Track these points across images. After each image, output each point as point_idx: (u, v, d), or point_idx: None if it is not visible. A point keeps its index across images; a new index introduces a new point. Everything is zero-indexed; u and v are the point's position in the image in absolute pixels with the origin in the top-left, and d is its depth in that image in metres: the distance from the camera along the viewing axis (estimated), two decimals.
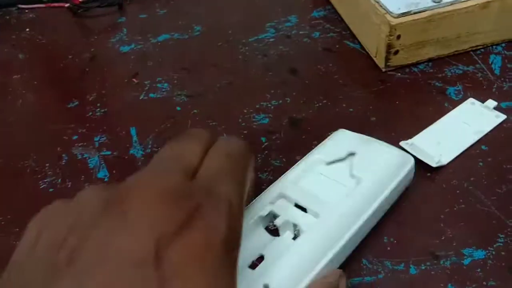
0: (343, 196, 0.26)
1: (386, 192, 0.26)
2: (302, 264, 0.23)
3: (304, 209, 0.26)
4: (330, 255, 0.23)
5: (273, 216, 0.26)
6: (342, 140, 0.30)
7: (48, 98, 0.41)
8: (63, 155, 0.35)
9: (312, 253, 0.23)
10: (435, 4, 0.35)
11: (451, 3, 0.35)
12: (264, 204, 0.26)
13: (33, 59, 0.47)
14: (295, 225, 0.25)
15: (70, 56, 0.45)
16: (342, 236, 0.24)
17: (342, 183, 0.28)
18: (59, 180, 0.33)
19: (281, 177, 0.28)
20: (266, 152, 0.33)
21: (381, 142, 0.29)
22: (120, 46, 0.46)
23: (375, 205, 0.26)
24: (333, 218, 0.25)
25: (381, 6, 0.36)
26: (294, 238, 0.25)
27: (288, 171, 0.29)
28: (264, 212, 0.26)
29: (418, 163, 0.30)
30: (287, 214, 0.26)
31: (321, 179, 0.28)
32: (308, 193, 0.26)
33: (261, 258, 0.25)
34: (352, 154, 0.29)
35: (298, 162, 0.29)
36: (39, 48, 0.48)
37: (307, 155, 0.29)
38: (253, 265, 0.24)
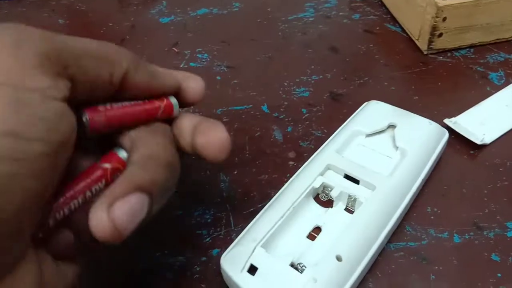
0: (391, 167, 0.27)
1: (430, 163, 0.27)
2: (367, 235, 0.23)
3: (356, 181, 0.26)
4: (390, 224, 0.24)
5: (323, 187, 0.26)
6: (378, 111, 0.30)
7: None
8: None
9: (374, 224, 0.24)
10: None
11: None
12: (313, 175, 0.26)
13: (73, 24, 0.47)
14: (350, 197, 0.26)
15: (110, 24, 0.46)
16: (398, 207, 0.25)
17: (387, 154, 0.28)
18: None
19: (322, 148, 0.28)
20: (307, 122, 0.33)
21: (416, 115, 0.30)
22: (160, 17, 0.46)
23: (422, 175, 0.26)
24: (389, 189, 0.25)
25: None
26: (347, 209, 0.26)
27: (327, 142, 0.29)
28: (317, 184, 0.26)
29: (461, 141, 0.30)
30: (340, 185, 0.26)
31: (365, 151, 0.28)
32: (355, 164, 0.27)
33: (317, 229, 0.25)
34: (392, 126, 0.29)
35: (335, 133, 0.29)
36: (78, 15, 0.48)
37: (342, 125, 0.30)
38: (311, 236, 0.25)
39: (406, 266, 0.24)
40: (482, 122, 0.32)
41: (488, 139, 0.30)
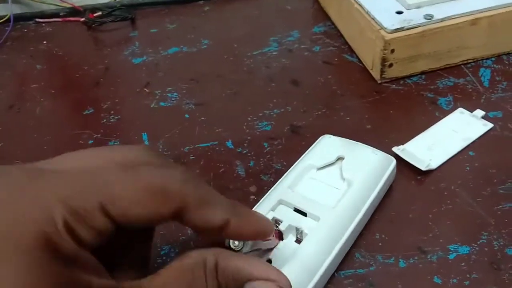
0: (337, 198, 0.29)
1: (376, 191, 0.29)
2: (309, 265, 0.25)
3: (303, 213, 0.28)
4: (333, 254, 0.26)
5: (275, 221, 0.28)
6: (329, 145, 0.32)
7: (64, 105, 0.44)
8: None
9: (317, 254, 0.26)
10: (426, 20, 0.38)
11: (442, 20, 0.38)
12: (265, 211, 0.28)
13: (50, 69, 0.50)
14: (297, 229, 0.27)
15: (85, 67, 0.48)
16: (342, 235, 0.27)
17: (334, 186, 0.30)
18: None
19: (277, 184, 0.31)
20: (268, 156, 0.35)
21: (364, 145, 0.32)
22: (133, 58, 0.49)
23: (367, 203, 0.28)
24: (332, 220, 0.27)
25: (376, 22, 0.38)
26: (297, 240, 0.28)
27: (283, 177, 0.31)
28: None
29: (409, 167, 0.32)
30: (289, 219, 0.28)
31: (315, 184, 0.30)
32: (305, 197, 0.29)
33: (268, 261, 0.27)
34: (340, 158, 0.31)
35: (291, 168, 0.31)
36: (55, 59, 0.51)
37: (298, 161, 0.32)
38: None
39: None
40: (429, 147, 0.34)
41: (434, 164, 0.32)
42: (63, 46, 0.52)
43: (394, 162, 0.31)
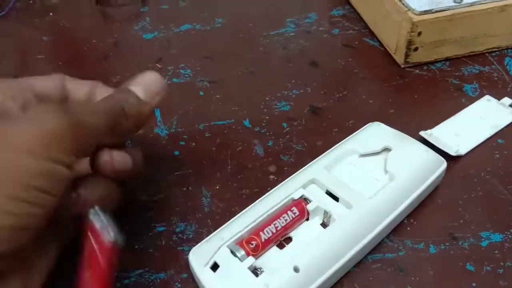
0: (376, 190, 0.26)
1: (418, 191, 0.27)
2: (331, 253, 0.24)
3: (335, 198, 0.26)
4: (358, 246, 0.24)
5: (304, 199, 0.27)
6: (377, 133, 0.30)
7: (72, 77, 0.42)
8: None
9: (342, 243, 0.24)
10: (456, 4, 0.36)
11: (471, 4, 0.36)
12: (295, 187, 0.27)
13: (56, 41, 0.48)
14: (326, 212, 0.26)
15: (93, 41, 0.46)
16: (372, 230, 0.25)
17: (375, 177, 0.28)
18: None
19: (313, 162, 0.29)
20: (288, 136, 0.34)
21: (416, 141, 0.29)
22: (143, 34, 0.47)
23: (406, 203, 0.26)
24: (366, 210, 0.25)
25: (403, 4, 0.37)
26: (322, 224, 0.26)
27: (320, 157, 0.29)
28: (296, 195, 0.26)
29: (437, 152, 0.31)
30: (319, 200, 0.26)
31: (354, 170, 0.28)
32: (340, 182, 0.27)
33: (288, 239, 0.26)
34: (387, 149, 0.29)
35: (331, 149, 0.29)
36: (62, 32, 0.49)
37: (339, 143, 0.30)
38: (280, 245, 0.25)
39: (383, 277, 0.25)
40: (457, 133, 0.32)
41: (462, 151, 0.31)
42: (70, 19, 0.50)
43: (444, 164, 0.28)
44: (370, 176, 0.28)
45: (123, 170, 0.23)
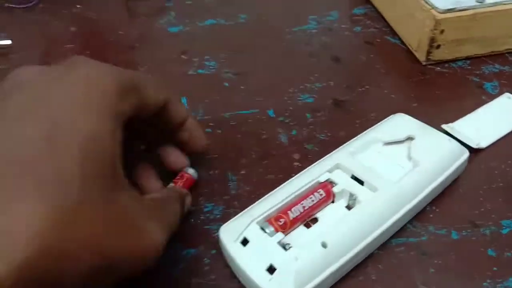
0: (400, 175, 0.27)
1: (441, 178, 0.28)
2: (358, 232, 0.25)
3: (361, 182, 0.27)
4: (383, 228, 0.25)
5: (330, 183, 0.28)
6: (401, 123, 0.31)
7: None
8: None
9: (368, 223, 0.25)
10: (478, 3, 0.37)
11: (494, 4, 0.37)
12: (321, 171, 0.28)
13: (83, 32, 0.49)
14: (351, 195, 0.27)
15: (120, 32, 0.48)
16: (397, 212, 0.26)
17: (399, 163, 0.29)
18: None
19: (338, 148, 0.30)
20: (312, 126, 0.35)
21: (438, 131, 0.30)
22: (169, 27, 0.48)
23: (429, 188, 0.27)
24: (390, 194, 0.26)
25: (426, 2, 0.38)
26: (347, 207, 0.27)
27: (345, 144, 0.30)
28: (322, 178, 0.27)
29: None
30: (344, 183, 0.27)
31: (378, 157, 0.29)
32: (365, 167, 0.28)
33: (315, 220, 0.26)
34: (410, 138, 0.30)
35: (355, 137, 0.30)
36: (89, 23, 0.50)
37: (364, 132, 0.31)
38: (307, 225, 0.26)
39: (406, 260, 0.26)
40: (478, 128, 0.33)
41: (484, 144, 0.32)
42: (96, 11, 0.52)
43: (467, 153, 0.29)
44: (394, 163, 0.29)
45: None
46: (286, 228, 0.25)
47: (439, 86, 0.38)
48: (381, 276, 0.25)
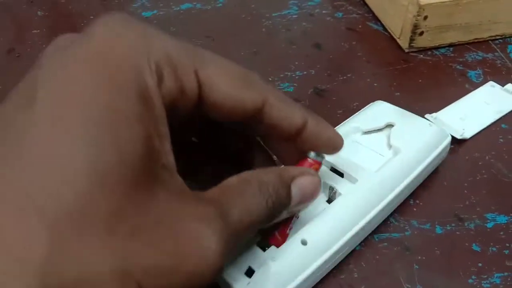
0: (380, 164, 0.26)
1: (423, 165, 0.26)
2: (339, 226, 0.23)
3: (341, 174, 0.26)
4: (367, 218, 0.24)
5: None
6: (380, 111, 0.30)
7: None
8: None
9: (349, 216, 0.24)
10: None
11: None
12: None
13: (52, 16, 0.46)
14: (331, 188, 0.26)
15: (91, 17, 0.45)
16: (378, 203, 0.25)
17: (379, 152, 0.28)
18: None
19: None
20: None
21: (419, 116, 0.29)
22: (142, 11, 0.46)
23: (412, 176, 0.26)
24: (370, 185, 0.25)
25: None
26: (328, 200, 0.26)
27: None
28: None
29: None
30: (323, 176, 0.26)
31: (358, 147, 0.28)
32: (344, 158, 0.26)
33: (295, 218, 0.25)
34: (390, 125, 0.29)
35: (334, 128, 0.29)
36: (58, 7, 0.47)
37: (343, 122, 0.29)
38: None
39: (390, 256, 0.25)
40: (462, 117, 0.32)
41: (467, 134, 0.31)
42: None
43: (449, 137, 0.28)
44: (374, 152, 0.28)
45: None
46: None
47: (422, 75, 0.37)
48: (364, 274, 0.24)
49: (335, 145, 0.22)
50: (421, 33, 0.37)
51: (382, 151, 0.28)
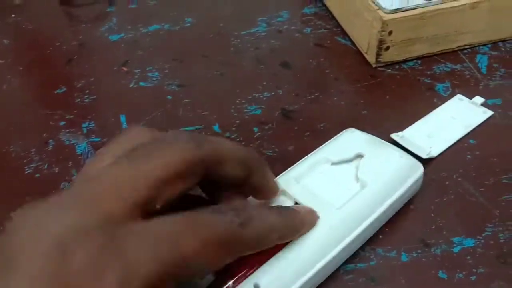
0: (345, 200, 0.25)
1: (392, 199, 0.25)
2: (297, 267, 0.22)
3: None
4: (326, 259, 0.23)
5: None
6: (351, 140, 0.29)
7: (34, 83, 0.40)
8: (50, 140, 0.34)
9: (309, 256, 0.23)
10: (426, 2, 0.36)
11: (442, 2, 0.36)
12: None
13: (18, 44, 0.46)
14: None
15: (57, 43, 0.44)
16: (341, 241, 0.24)
17: (346, 185, 0.26)
18: (46, 166, 0.32)
19: (283, 173, 0.27)
20: (259, 142, 0.33)
21: (392, 145, 0.28)
22: (109, 35, 0.45)
23: (379, 211, 0.25)
24: (333, 221, 0.24)
25: (373, 2, 0.36)
26: None
27: (291, 168, 0.28)
28: None
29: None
30: None
31: (325, 180, 0.27)
32: (309, 192, 0.25)
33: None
34: (360, 156, 0.28)
35: (303, 159, 0.28)
36: (25, 34, 0.47)
37: (312, 152, 0.28)
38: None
39: None
40: (429, 134, 0.32)
41: (434, 152, 0.31)
42: (33, 20, 0.48)
43: (421, 169, 0.27)
44: (341, 185, 0.26)
45: None
46: None
47: (389, 91, 0.36)
48: None
49: (269, 196, 0.25)
50: (387, 48, 0.37)
51: (349, 184, 0.26)
